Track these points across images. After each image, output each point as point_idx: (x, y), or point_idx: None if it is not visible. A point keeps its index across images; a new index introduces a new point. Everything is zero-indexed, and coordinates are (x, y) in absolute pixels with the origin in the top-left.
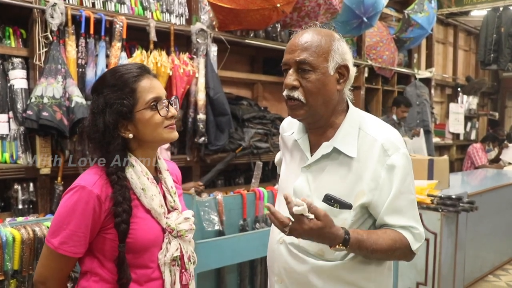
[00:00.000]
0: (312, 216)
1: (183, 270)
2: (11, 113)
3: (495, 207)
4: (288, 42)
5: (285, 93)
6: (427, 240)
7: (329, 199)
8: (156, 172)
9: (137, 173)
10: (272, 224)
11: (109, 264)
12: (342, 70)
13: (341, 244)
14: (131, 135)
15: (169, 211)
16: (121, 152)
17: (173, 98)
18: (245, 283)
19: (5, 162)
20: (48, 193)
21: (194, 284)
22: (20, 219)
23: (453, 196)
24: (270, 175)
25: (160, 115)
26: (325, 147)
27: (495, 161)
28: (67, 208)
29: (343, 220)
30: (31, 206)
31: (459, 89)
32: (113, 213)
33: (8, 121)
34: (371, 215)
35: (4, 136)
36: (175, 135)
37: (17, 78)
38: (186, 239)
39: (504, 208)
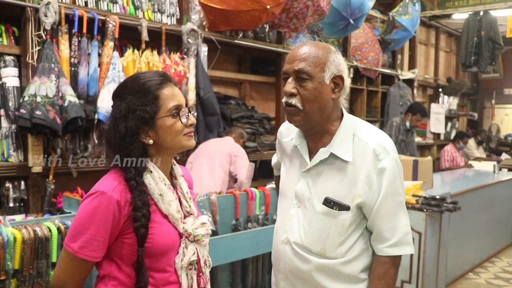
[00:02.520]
0: None
1: (200, 274)
2: (2, 111)
3: (475, 206)
4: (275, 42)
5: (284, 99)
6: (412, 239)
7: (328, 202)
8: (171, 178)
9: (155, 179)
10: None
11: (127, 268)
12: (337, 80)
13: None
14: (151, 141)
15: (185, 216)
16: (140, 158)
17: (192, 106)
18: (236, 282)
19: None
20: (39, 191)
21: (209, 287)
22: (19, 218)
23: (437, 197)
24: (257, 174)
25: (182, 123)
26: (322, 153)
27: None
28: (87, 213)
29: (342, 220)
30: (21, 204)
31: (440, 89)
32: (132, 218)
33: None
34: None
35: None
36: (193, 142)
37: (9, 76)
38: (202, 243)
39: (483, 207)
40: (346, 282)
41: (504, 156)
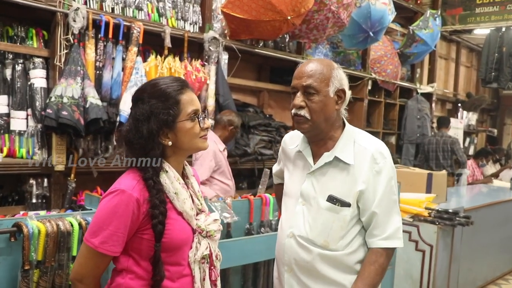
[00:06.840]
0: None
1: (211, 267)
2: (29, 111)
3: (490, 222)
4: (295, 52)
5: (293, 111)
6: (423, 251)
7: (332, 199)
8: (183, 178)
9: (170, 178)
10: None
11: (144, 263)
12: (340, 93)
13: None
14: (170, 143)
15: (197, 213)
16: (158, 158)
17: (206, 111)
18: (248, 285)
19: (22, 157)
20: (61, 189)
21: (219, 280)
22: (42, 213)
23: (450, 210)
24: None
25: (200, 126)
26: (327, 156)
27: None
28: (108, 210)
29: (343, 216)
30: (44, 201)
31: (459, 104)
32: (150, 215)
33: (26, 118)
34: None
35: (22, 132)
36: (207, 144)
37: (37, 77)
38: (215, 238)
39: (498, 224)
40: (344, 272)
41: None
